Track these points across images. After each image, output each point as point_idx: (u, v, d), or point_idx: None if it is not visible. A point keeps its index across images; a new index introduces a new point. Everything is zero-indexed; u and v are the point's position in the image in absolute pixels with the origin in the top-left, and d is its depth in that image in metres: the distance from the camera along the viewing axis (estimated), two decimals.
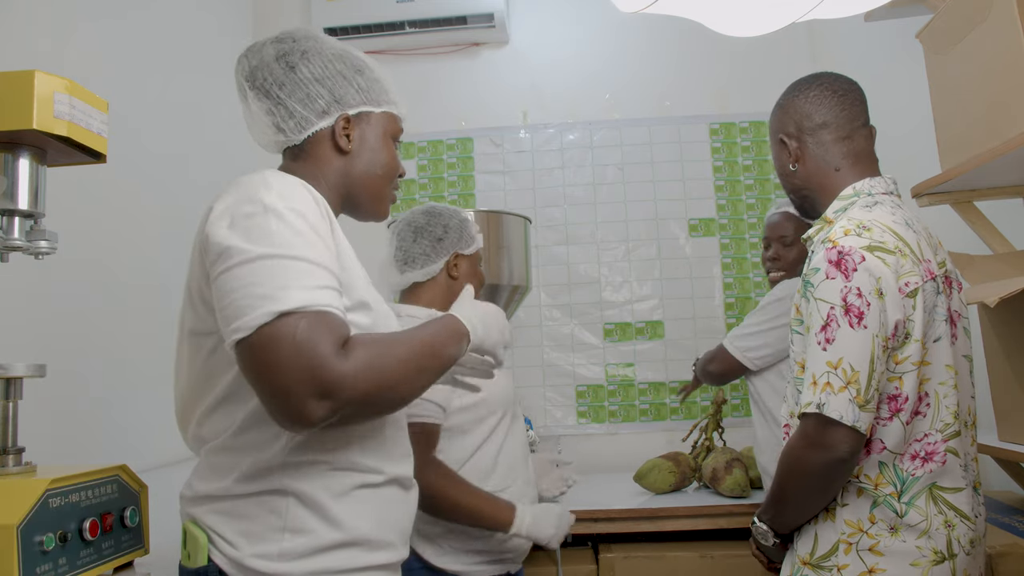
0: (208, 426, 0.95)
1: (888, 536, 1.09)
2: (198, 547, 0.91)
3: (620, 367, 2.74)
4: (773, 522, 1.21)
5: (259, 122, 1.04)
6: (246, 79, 1.03)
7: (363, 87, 1.06)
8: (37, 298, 1.50)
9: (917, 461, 1.11)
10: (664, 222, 2.80)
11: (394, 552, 0.99)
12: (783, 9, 1.64)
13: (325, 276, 0.87)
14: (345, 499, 0.93)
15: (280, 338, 0.81)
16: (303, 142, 1.04)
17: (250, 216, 0.87)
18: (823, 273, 1.11)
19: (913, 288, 1.10)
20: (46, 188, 1.10)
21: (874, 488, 1.11)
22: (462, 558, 1.46)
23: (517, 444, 1.59)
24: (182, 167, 2.07)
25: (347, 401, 0.83)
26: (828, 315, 1.08)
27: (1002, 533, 1.58)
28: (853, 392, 1.05)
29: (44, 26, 1.59)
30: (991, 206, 1.71)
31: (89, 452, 1.58)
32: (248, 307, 0.82)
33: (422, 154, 2.90)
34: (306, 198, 0.92)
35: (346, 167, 1.06)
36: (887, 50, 2.34)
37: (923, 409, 1.12)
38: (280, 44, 1.03)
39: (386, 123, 1.09)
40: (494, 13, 2.72)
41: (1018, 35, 1.34)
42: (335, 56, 1.04)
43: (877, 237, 1.11)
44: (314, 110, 1.02)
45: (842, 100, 1.27)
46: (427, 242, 1.58)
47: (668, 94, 2.85)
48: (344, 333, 0.85)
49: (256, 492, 0.91)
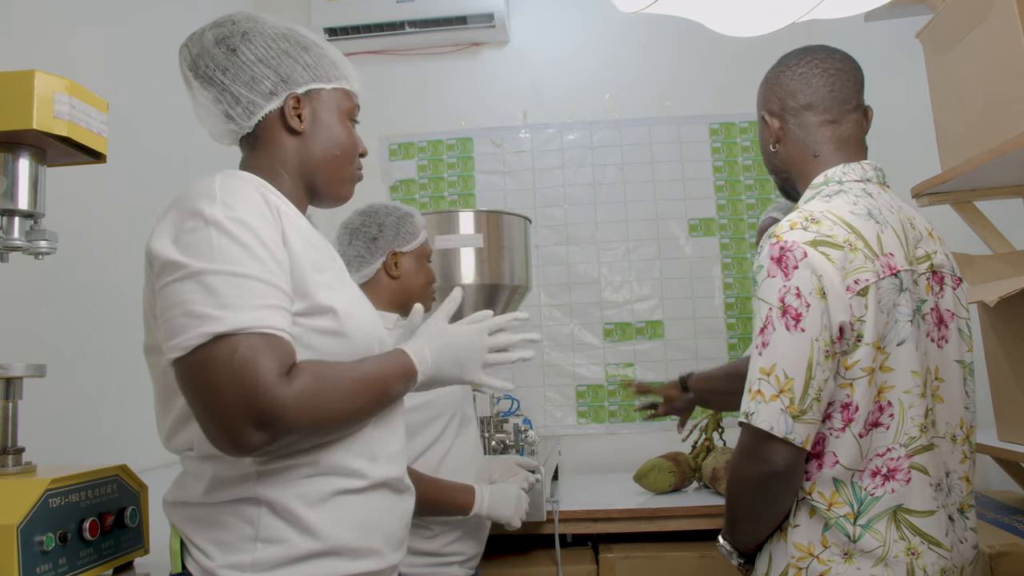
0: (176, 440, 0.93)
1: (841, 562, 1.00)
2: (173, 554, 0.90)
3: (620, 367, 2.74)
4: (733, 539, 1.13)
5: (208, 113, 0.99)
6: (189, 69, 0.99)
7: (310, 64, 1.00)
8: (37, 298, 1.50)
9: (878, 479, 1.00)
10: (664, 222, 2.80)
11: (380, 559, 0.94)
12: (783, 9, 1.64)
13: (272, 294, 0.83)
14: (322, 506, 0.89)
15: (216, 361, 0.78)
16: (255, 129, 0.99)
17: (192, 230, 0.83)
18: (765, 271, 1.02)
19: (864, 286, 0.99)
20: (46, 188, 1.10)
21: (827, 508, 1.01)
22: (407, 559, 1.46)
23: (467, 446, 1.59)
24: (182, 167, 2.06)
25: (286, 431, 0.80)
26: (766, 317, 1.00)
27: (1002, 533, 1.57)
28: (786, 401, 0.96)
29: (44, 26, 1.59)
30: (991, 206, 1.71)
31: (89, 452, 1.58)
32: (184, 326, 0.80)
33: (422, 154, 2.90)
34: (254, 204, 0.88)
35: (302, 149, 1.00)
36: (887, 50, 2.34)
37: (885, 420, 1.01)
38: (219, 28, 0.98)
39: (339, 100, 1.04)
40: (494, 13, 2.72)
41: (1018, 35, 1.34)
42: (278, 35, 0.99)
43: (825, 231, 1.01)
44: (260, 92, 0.97)
45: (832, 80, 1.15)
46: (361, 243, 1.56)
47: (668, 94, 2.85)
48: (289, 359, 0.82)
49: (228, 500, 0.88)
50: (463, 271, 2.05)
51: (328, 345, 0.91)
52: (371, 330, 0.98)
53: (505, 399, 2.39)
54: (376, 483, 0.95)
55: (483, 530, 1.60)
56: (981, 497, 1.79)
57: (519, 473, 1.68)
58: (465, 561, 1.55)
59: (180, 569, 0.90)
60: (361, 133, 1.09)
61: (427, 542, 1.49)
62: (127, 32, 1.91)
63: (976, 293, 1.49)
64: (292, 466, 0.89)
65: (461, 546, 1.53)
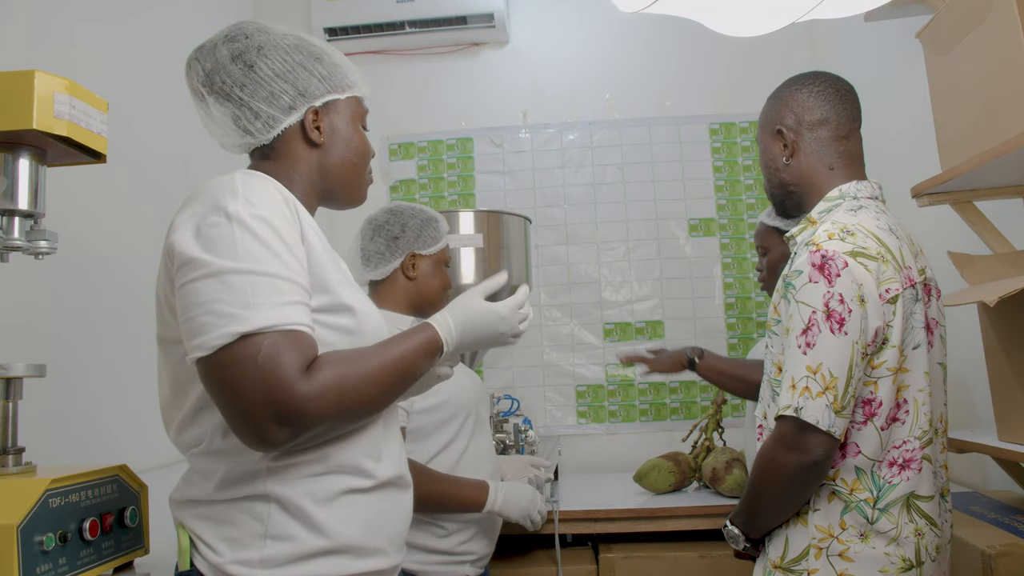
0: (187, 434, 0.93)
1: (858, 542, 1.09)
2: (181, 552, 0.91)
3: (620, 367, 2.74)
4: (746, 525, 1.21)
5: (222, 126, 1.00)
6: (202, 84, 0.99)
7: (325, 75, 1.02)
8: (37, 298, 1.50)
9: (894, 468, 1.11)
10: (664, 222, 2.80)
11: (384, 559, 0.96)
12: (783, 9, 1.64)
13: (293, 291, 0.85)
14: (331, 505, 0.90)
15: (242, 360, 0.79)
16: (272, 141, 1.00)
17: (215, 225, 0.84)
18: (806, 276, 1.10)
19: (894, 295, 1.10)
20: (46, 188, 1.10)
21: (849, 493, 1.11)
22: (419, 556, 1.47)
23: (481, 448, 1.59)
24: (182, 167, 2.06)
25: (309, 425, 0.82)
26: (809, 319, 1.08)
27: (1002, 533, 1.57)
28: (831, 398, 1.05)
29: (44, 26, 1.59)
30: (991, 206, 1.71)
31: (89, 452, 1.58)
32: (209, 325, 0.80)
33: (422, 154, 2.90)
34: (275, 202, 0.89)
35: (320, 160, 1.02)
36: (887, 50, 2.34)
37: (901, 416, 1.12)
38: (233, 43, 0.99)
39: (353, 108, 1.06)
40: (494, 13, 2.72)
41: (1018, 35, 1.33)
42: (292, 47, 1.00)
43: (860, 242, 1.11)
44: (280, 107, 0.98)
45: (844, 99, 1.26)
46: (383, 240, 1.57)
47: (668, 94, 2.85)
48: (311, 353, 0.84)
49: (238, 498, 0.89)
50: (463, 271, 2.05)
51: (340, 342, 0.92)
52: (382, 330, 1.00)
53: (505, 399, 2.39)
54: (382, 482, 0.96)
55: (495, 529, 1.60)
56: (981, 497, 1.79)
57: (529, 472, 1.69)
58: (476, 560, 1.55)
59: (189, 566, 0.90)
60: None
61: (440, 540, 1.49)
62: (127, 32, 1.91)
63: (976, 293, 1.49)
64: (302, 463, 0.89)
65: (473, 545, 1.53)
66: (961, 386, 1.90)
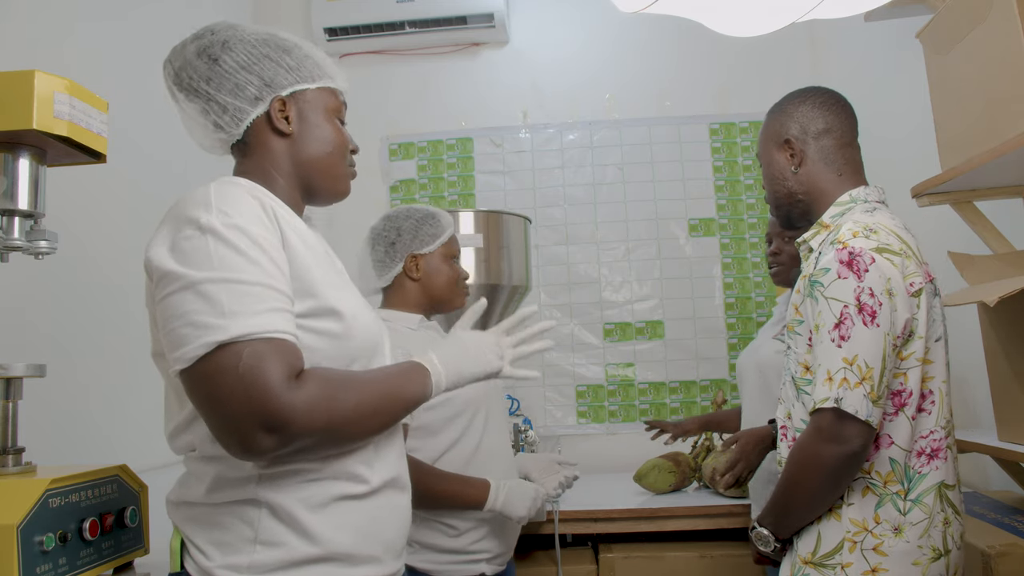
0: (179, 441, 0.93)
1: (892, 536, 1.11)
2: (172, 554, 0.91)
3: (620, 367, 2.74)
4: (777, 524, 1.21)
5: (196, 124, 1.00)
6: (173, 83, 0.99)
7: (292, 66, 1.01)
8: (37, 298, 1.50)
9: (923, 458, 1.14)
10: (664, 222, 2.80)
11: (378, 567, 0.94)
12: (783, 9, 1.64)
13: (273, 298, 0.84)
14: (323, 511, 0.89)
15: (223, 370, 0.79)
16: (244, 135, 0.99)
17: (189, 239, 0.84)
18: (834, 273, 1.13)
19: (918, 288, 1.14)
20: (46, 188, 1.09)
21: (883, 486, 1.13)
22: (432, 556, 1.47)
23: (495, 446, 1.58)
24: (182, 167, 2.06)
25: (296, 435, 0.81)
26: (842, 313, 1.11)
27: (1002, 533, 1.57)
28: (867, 388, 1.07)
29: (44, 26, 1.59)
30: (991, 206, 1.71)
31: (89, 452, 1.57)
32: (187, 337, 0.80)
33: (422, 154, 2.90)
34: (251, 210, 0.88)
35: (293, 151, 1.01)
36: (887, 50, 2.34)
37: (927, 406, 1.15)
38: (199, 40, 0.99)
39: (325, 99, 1.04)
40: (494, 13, 2.72)
41: (1018, 35, 1.33)
42: (259, 40, 1.00)
43: (883, 239, 1.15)
44: (246, 98, 0.98)
45: (844, 109, 1.31)
46: (382, 248, 1.59)
47: (668, 94, 2.85)
48: (296, 361, 0.83)
49: (229, 502, 0.88)
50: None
51: (325, 348, 0.91)
52: (372, 334, 0.99)
53: (505, 399, 2.39)
54: (378, 487, 0.95)
55: (509, 528, 1.58)
56: (981, 497, 1.79)
57: (558, 472, 1.68)
58: (493, 558, 1.54)
59: (179, 568, 0.90)
60: (361, 133, 1.10)
61: (452, 540, 1.49)
62: (127, 31, 1.91)
63: (976, 293, 1.49)
64: (295, 470, 0.88)
65: (488, 543, 1.52)
66: (961, 386, 1.90)
